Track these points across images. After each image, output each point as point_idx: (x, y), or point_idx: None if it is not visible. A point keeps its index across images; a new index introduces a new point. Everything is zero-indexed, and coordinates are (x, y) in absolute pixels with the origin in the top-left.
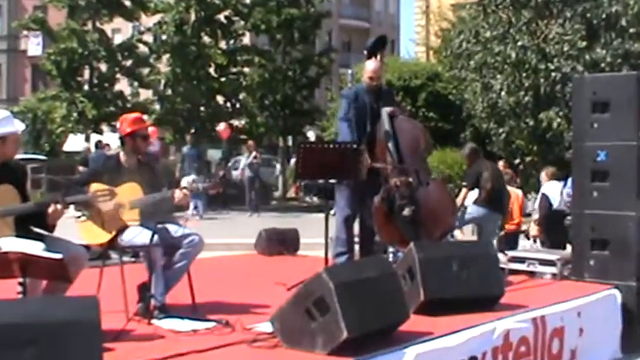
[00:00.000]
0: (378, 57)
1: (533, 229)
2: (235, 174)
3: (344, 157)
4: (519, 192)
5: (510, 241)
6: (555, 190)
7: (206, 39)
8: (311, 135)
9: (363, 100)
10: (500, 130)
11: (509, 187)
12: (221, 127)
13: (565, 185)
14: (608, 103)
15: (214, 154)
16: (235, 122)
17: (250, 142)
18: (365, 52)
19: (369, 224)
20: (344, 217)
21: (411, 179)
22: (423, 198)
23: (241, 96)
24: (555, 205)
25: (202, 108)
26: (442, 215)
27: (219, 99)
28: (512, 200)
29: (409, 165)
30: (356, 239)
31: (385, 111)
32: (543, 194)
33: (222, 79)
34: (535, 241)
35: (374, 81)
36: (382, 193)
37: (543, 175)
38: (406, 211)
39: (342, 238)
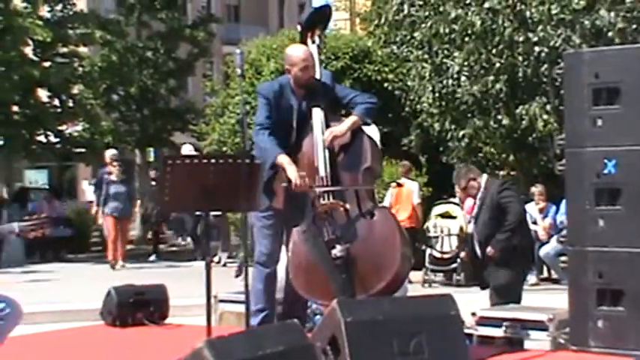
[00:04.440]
0: (316, 37)
1: None
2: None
3: (232, 177)
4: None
5: None
6: None
7: (18, 1)
8: (186, 149)
9: (287, 100)
10: (461, 133)
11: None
12: None
13: (557, 210)
14: (619, 90)
15: (37, 177)
16: (68, 128)
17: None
18: (299, 28)
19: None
20: (259, 259)
21: (348, 206)
22: (363, 234)
23: (76, 89)
24: None
25: (16, 108)
26: (389, 260)
27: (42, 94)
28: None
29: (347, 186)
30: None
31: (318, 112)
32: None
33: (46, 65)
34: None
35: (306, 74)
36: (304, 225)
37: None
38: (337, 251)
39: (258, 290)
